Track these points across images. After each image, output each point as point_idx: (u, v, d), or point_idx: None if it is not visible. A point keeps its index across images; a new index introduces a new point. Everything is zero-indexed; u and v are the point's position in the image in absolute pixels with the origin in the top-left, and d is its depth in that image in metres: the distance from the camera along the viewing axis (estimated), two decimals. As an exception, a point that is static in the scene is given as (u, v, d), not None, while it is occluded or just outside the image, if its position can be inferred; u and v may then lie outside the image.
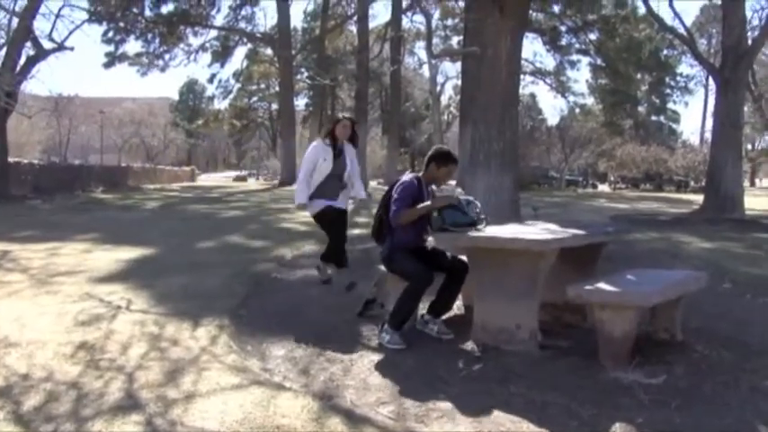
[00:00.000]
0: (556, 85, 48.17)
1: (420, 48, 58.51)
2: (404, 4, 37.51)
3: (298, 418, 3.84)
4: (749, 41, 18.51)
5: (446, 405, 4.08)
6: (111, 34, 36.49)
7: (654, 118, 68.88)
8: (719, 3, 19.59)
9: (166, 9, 36.26)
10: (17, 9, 24.21)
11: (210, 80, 55.52)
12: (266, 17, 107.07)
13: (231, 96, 61.82)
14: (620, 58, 39.90)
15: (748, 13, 21.07)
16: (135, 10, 34.32)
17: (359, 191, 7.63)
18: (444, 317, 5.68)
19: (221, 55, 44.87)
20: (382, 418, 3.91)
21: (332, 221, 7.38)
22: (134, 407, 3.96)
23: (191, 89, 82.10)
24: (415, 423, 3.85)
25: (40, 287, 7.25)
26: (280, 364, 4.86)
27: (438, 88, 66.47)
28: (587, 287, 4.85)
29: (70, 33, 32.17)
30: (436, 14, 45.59)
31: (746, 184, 42.99)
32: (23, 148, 49.25)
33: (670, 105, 68.40)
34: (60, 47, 27.46)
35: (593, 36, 38.96)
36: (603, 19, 37.23)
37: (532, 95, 65.93)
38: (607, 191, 48.28)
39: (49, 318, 5.87)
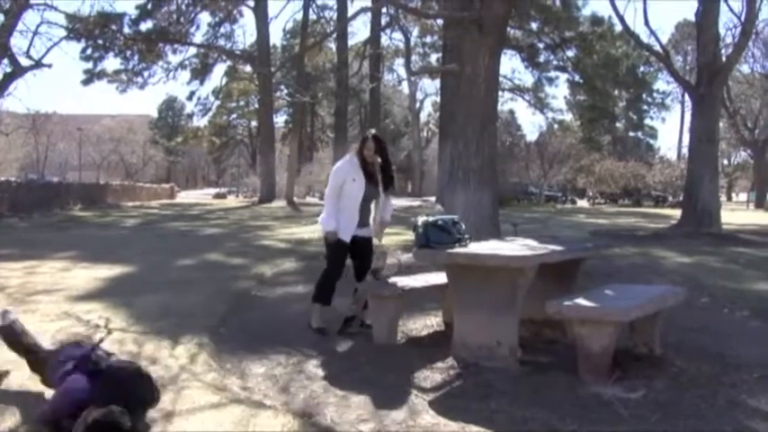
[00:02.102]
0: (534, 102, 48.46)
1: (399, 65, 58.95)
2: (383, 22, 37.68)
3: (278, 436, 3.83)
4: (723, 59, 18.74)
5: (427, 422, 4.07)
6: (89, 51, 36.28)
7: (631, 134, 69.55)
8: (693, 21, 19.83)
9: (145, 26, 36.18)
10: (-6, 26, 24.13)
11: (190, 97, 55.38)
12: (245, 35, 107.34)
13: (210, 114, 61.88)
14: (598, 74, 40.26)
15: (722, 31, 21.33)
16: (114, 27, 34.20)
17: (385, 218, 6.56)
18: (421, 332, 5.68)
19: (200, 72, 44.77)
20: (363, 435, 3.90)
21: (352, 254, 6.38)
22: (112, 427, 3.92)
23: (170, 106, 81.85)
24: (396, 440, 3.84)
25: (18, 306, 7.15)
26: (260, 382, 4.83)
27: (417, 105, 67.08)
28: (566, 303, 4.88)
29: (48, 50, 32.25)
30: (415, 32, 45.97)
31: (723, 198, 43.39)
32: (0, 165, 48.90)
33: (647, 121, 69.27)
34: (38, 64, 27.40)
35: (570, 53, 39.28)
36: (581, 36, 37.58)
37: (511, 112, 66.44)
38: (586, 206, 48.49)
39: (26, 337, 5.79)
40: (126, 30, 35.31)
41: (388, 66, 56.83)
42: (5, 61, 26.01)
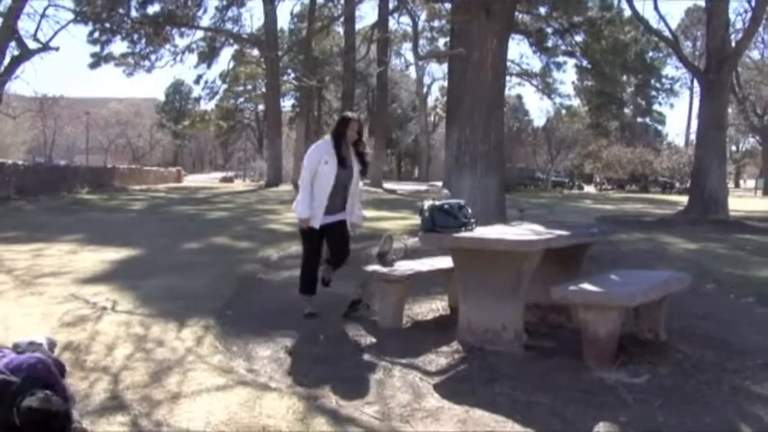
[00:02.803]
0: (542, 87, 48.37)
1: (407, 49, 58.82)
2: (390, 6, 37.51)
3: (283, 418, 3.85)
4: (733, 44, 18.62)
5: (431, 405, 4.10)
6: (96, 35, 36.24)
7: (639, 120, 69.29)
8: (703, 6, 19.70)
9: (152, 10, 36.09)
10: (1, 9, 24.11)
11: (197, 81, 55.26)
12: (253, 18, 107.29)
13: (218, 97, 61.66)
14: (606, 60, 40.09)
15: (732, 17, 21.21)
16: (121, 10, 34.12)
17: (357, 215, 6.40)
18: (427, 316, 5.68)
19: (208, 56, 44.69)
20: (367, 418, 3.92)
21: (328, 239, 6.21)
22: (119, 408, 3.96)
23: (177, 90, 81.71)
24: (401, 423, 3.87)
25: (25, 288, 7.21)
26: (265, 365, 4.86)
27: (424, 89, 66.84)
28: (572, 288, 4.88)
29: (55, 33, 32.18)
30: (423, 16, 45.82)
31: (731, 185, 43.23)
32: (8, 148, 49.03)
33: (655, 107, 68.90)
34: (45, 47, 27.35)
35: (579, 38, 39.10)
36: (589, 21, 37.39)
37: (519, 97, 66.33)
38: (593, 192, 48.43)
39: (34, 319, 5.84)
40: (133, 13, 35.29)
41: (395, 50, 56.72)
42: (13, 44, 25.96)
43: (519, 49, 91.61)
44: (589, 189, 53.53)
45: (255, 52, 45.49)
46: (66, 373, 4.02)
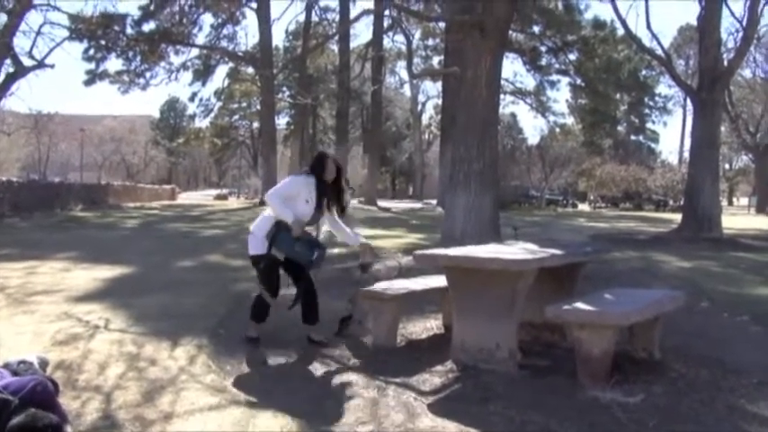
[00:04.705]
0: (536, 105, 48.49)
1: (401, 67, 59.06)
2: (385, 25, 37.71)
3: (276, 438, 3.83)
4: (725, 63, 18.73)
5: (426, 425, 4.08)
6: (91, 52, 36.29)
7: (633, 138, 69.47)
8: (696, 25, 19.83)
9: (148, 27, 36.21)
10: (-3, 26, 24.16)
11: (192, 98, 55.35)
12: (248, 36, 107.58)
13: (212, 115, 61.79)
14: (600, 78, 40.30)
15: (723, 36, 21.30)
16: (116, 28, 34.22)
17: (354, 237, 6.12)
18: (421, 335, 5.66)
19: (203, 73, 44.78)
20: (361, 438, 3.90)
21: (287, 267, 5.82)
22: (112, 427, 3.94)
23: (172, 107, 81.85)
24: (395, 443, 3.85)
25: (18, 306, 7.17)
26: (258, 384, 4.83)
27: (419, 107, 67.04)
28: (566, 307, 4.88)
29: (51, 51, 31.82)
30: (417, 35, 46.07)
31: (724, 203, 43.39)
32: (2, 165, 49.01)
33: (649, 125, 69.09)
34: (40, 64, 27.41)
35: (572, 56, 39.33)
36: (583, 40, 37.63)
37: (513, 115, 66.50)
38: (587, 210, 48.49)
39: (27, 337, 5.81)
40: (128, 30, 35.35)
41: (390, 68, 56.88)
42: (8, 61, 26.02)
43: (513, 68, 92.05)
44: (583, 207, 53.60)
45: (250, 70, 45.56)
46: (59, 392, 4.00)
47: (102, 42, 35.47)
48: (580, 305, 4.90)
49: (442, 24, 35.11)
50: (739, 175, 68.94)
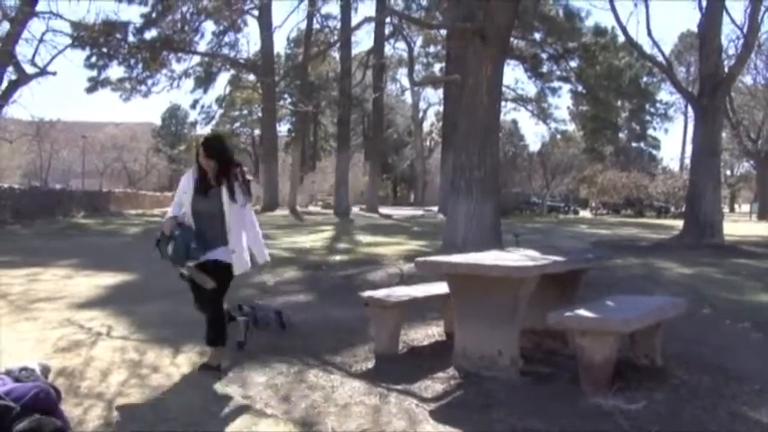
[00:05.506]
0: (537, 112, 48.52)
1: (402, 75, 59.06)
2: (386, 32, 37.74)
3: (279, 445, 3.83)
4: (726, 70, 18.74)
5: (427, 431, 4.08)
6: (93, 59, 36.38)
7: (634, 144, 69.51)
8: (696, 32, 19.86)
9: (150, 35, 36.26)
10: (-1, 34, 24.21)
11: (193, 106, 55.55)
12: (249, 43, 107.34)
13: (214, 122, 61.85)
14: (601, 85, 40.38)
15: (724, 42, 21.35)
16: (118, 35, 34.28)
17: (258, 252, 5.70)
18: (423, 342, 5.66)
19: (204, 81, 44.91)
20: (363, 444, 3.90)
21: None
22: (114, 435, 3.94)
23: (173, 114, 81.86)
24: (397, 450, 3.85)
25: (20, 313, 7.19)
26: (261, 391, 4.84)
27: (420, 114, 67.19)
28: (568, 314, 4.89)
29: (53, 58, 31.90)
30: (418, 42, 46.11)
31: (726, 210, 43.31)
32: (4, 172, 49.04)
33: (650, 132, 69.15)
34: (43, 71, 27.43)
35: (573, 63, 39.42)
36: (584, 47, 37.70)
37: (514, 122, 66.56)
38: (588, 216, 48.40)
39: (29, 344, 5.82)
40: (130, 38, 35.39)
41: (391, 75, 56.95)
42: (10, 69, 26.07)
43: (514, 75, 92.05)
44: (584, 214, 53.54)
45: (252, 77, 45.65)
46: (61, 400, 4.00)
47: (104, 50, 35.51)
48: (582, 312, 4.91)
49: (443, 31, 35.19)
50: (741, 182, 68.88)
